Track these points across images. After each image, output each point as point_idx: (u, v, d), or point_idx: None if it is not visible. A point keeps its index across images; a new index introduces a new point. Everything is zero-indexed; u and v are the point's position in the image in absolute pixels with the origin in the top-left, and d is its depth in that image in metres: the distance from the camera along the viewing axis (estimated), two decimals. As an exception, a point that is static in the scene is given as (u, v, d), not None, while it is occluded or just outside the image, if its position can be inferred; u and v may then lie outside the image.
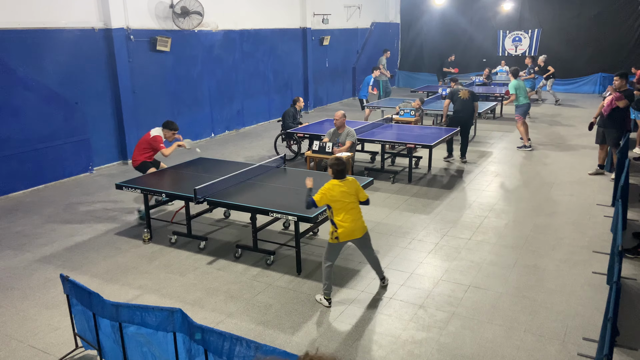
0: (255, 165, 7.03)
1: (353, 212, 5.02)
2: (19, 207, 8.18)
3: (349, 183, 5.05)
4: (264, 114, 14.80)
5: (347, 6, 18.52)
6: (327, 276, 5.08)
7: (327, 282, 5.09)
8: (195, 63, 12.16)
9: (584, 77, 19.09)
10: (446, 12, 21.00)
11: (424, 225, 7.09)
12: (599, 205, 7.69)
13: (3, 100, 8.44)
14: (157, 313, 3.48)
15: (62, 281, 4.19)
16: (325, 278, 5.08)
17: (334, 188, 4.96)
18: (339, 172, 5.01)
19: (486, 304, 5.09)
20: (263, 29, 14.29)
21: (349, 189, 5.02)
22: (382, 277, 5.44)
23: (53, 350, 4.51)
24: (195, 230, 6.92)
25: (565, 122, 14.14)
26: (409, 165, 9.14)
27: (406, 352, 4.37)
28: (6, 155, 8.57)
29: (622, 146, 7.85)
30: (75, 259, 6.30)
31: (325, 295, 5.13)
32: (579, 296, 5.20)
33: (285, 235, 6.81)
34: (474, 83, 16.32)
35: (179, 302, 5.23)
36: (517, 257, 6.08)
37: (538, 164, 10.07)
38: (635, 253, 5.98)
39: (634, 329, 4.63)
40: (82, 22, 9.60)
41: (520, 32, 20.08)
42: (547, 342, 4.45)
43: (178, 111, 11.85)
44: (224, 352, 3.14)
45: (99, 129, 10.05)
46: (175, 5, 11.15)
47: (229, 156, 10.89)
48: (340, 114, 8.53)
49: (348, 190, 5.01)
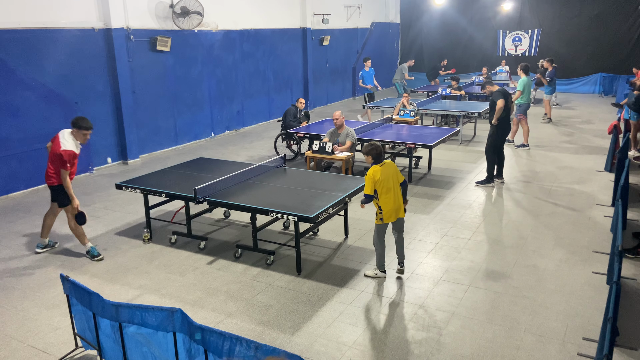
0: (255, 165, 7.03)
1: (395, 194, 5.35)
2: (19, 207, 8.18)
3: (387, 166, 5.36)
4: (264, 114, 14.80)
5: (347, 6, 18.52)
6: (380, 255, 5.52)
7: (380, 259, 5.53)
8: (195, 63, 12.16)
9: (583, 77, 19.09)
10: (446, 12, 21.01)
11: (424, 225, 7.09)
12: (599, 205, 7.69)
13: (3, 100, 8.44)
14: (157, 313, 3.47)
15: (62, 281, 4.19)
16: (378, 257, 5.53)
17: (377, 172, 5.25)
18: (378, 156, 5.34)
19: (486, 304, 5.08)
20: (263, 29, 14.29)
21: (389, 171, 5.34)
22: (402, 262, 5.68)
23: (53, 350, 4.51)
24: (195, 230, 6.92)
25: (565, 122, 14.14)
26: (409, 165, 9.14)
27: (406, 352, 4.36)
28: (6, 155, 8.57)
29: (622, 146, 7.85)
30: (75, 259, 6.29)
31: (380, 268, 5.57)
32: (579, 296, 5.19)
33: (285, 235, 6.81)
34: (474, 83, 16.32)
35: (179, 302, 5.23)
36: (517, 257, 6.08)
37: (538, 163, 10.06)
38: (635, 253, 5.98)
39: (634, 329, 4.63)
40: (82, 22, 9.60)
41: (520, 32, 20.09)
42: (547, 342, 4.45)
43: (178, 111, 11.86)
44: (224, 352, 3.14)
45: (99, 129, 10.03)
46: (175, 5, 11.15)
47: (229, 156, 10.89)
48: (339, 114, 8.56)
49: (388, 172, 5.33)
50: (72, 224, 6.24)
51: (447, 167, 10.00)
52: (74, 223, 6.20)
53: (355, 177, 6.73)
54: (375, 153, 5.33)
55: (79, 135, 6.07)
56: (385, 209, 5.32)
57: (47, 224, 6.44)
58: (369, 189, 5.26)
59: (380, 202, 5.31)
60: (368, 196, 5.30)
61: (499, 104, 8.32)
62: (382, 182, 5.25)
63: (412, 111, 11.61)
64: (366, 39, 20.05)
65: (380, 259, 5.55)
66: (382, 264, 5.58)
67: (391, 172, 5.36)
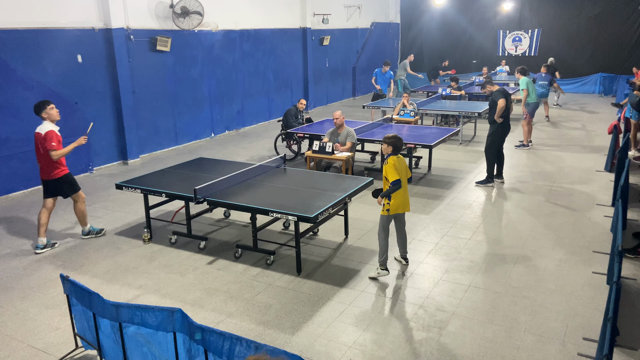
0: (255, 165, 7.03)
1: (404, 187, 5.51)
2: (19, 207, 8.18)
3: (401, 159, 5.57)
4: (264, 114, 14.80)
5: (347, 6, 18.52)
6: (384, 249, 5.55)
7: (383, 254, 5.55)
8: (195, 63, 12.16)
9: (584, 77, 19.09)
10: (446, 12, 21.01)
11: (424, 225, 7.09)
12: (599, 205, 7.69)
13: (3, 100, 8.44)
14: (157, 313, 3.48)
15: (62, 281, 4.19)
16: (382, 251, 5.55)
17: (396, 162, 5.45)
18: (397, 149, 5.52)
19: (486, 304, 5.09)
20: (263, 29, 14.29)
21: (403, 164, 5.56)
22: (405, 256, 5.90)
23: (53, 350, 4.51)
24: (195, 230, 6.92)
25: (565, 122, 14.15)
26: (409, 165, 9.14)
27: (406, 352, 4.37)
28: (6, 155, 8.57)
29: (622, 146, 7.86)
30: (75, 259, 6.29)
31: (381, 266, 5.57)
32: (579, 296, 5.19)
33: (285, 235, 6.81)
34: (474, 83, 16.33)
35: (179, 302, 5.23)
36: (517, 257, 6.08)
37: (538, 163, 10.06)
38: (635, 253, 5.98)
39: (634, 329, 4.63)
40: (82, 22, 9.60)
41: (520, 32, 20.09)
42: (547, 342, 4.45)
43: (178, 111, 11.86)
44: (224, 352, 3.14)
45: (99, 129, 10.04)
46: (175, 5, 11.15)
47: (229, 156, 10.89)
48: (340, 113, 8.57)
49: (403, 165, 5.54)
50: (81, 207, 6.71)
51: (447, 167, 10.00)
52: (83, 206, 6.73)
53: (355, 177, 6.73)
54: (396, 145, 5.51)
55: (50, 114, 6.33)
56: (394, 200, 5.45)
57: (42, 222, 6.48)
58: (395, 175, 5.36)
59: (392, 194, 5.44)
60: (397, 182, 5.35)
61: (500, 103, 8.30)
62: (399, 172, 5.41)
63: (412, 111, 11.61)
64: (366, 39, 20.05)
65: (383, 254, 5.57)
66: (385, 260, 5.58)
67: (404, 166, 5.57)
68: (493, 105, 8.51)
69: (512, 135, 12.47)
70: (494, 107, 8.47)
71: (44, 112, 6.31)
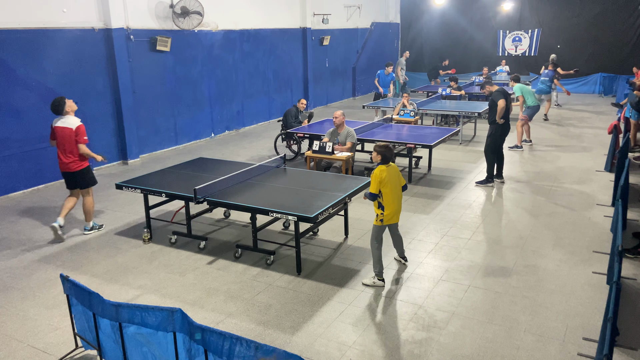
0: (255, 165, 7.03)
1: (398, 196, 5.44)
2: (19, 207, 8.18)
3: (392, 168, 5.42)
4: (264, 114, 14.80)
5: (347, 6, 18.52)
6: (377, 258, 5.44)
7: (378, 264, 5.45)
8: (195, 63, 12.16)
9: (584, 77, 19.09)
10: (446, 12, 21.01)
11: (424, 225, 7.09)
12: (599, 205, 7.69)
13: (3, 100, 8.45)
14: (157, 313, 3.48)
15: (62, 281, 4.19)
16: (376, 261, 5.45)
17: (383, 172, 5.30)
18: (387, 158, 5.38)
19: (486, 304, 5.09)
20: (263, 29, 14.29)
21: (394, 173, 5.42)
22: (404, 256, 5.93)
23: (53, 350, 4.51)
24: (195, 230, 6.92)
25: (565, 122, 14.15)
26: (409, 165, 9.14)
27: (406, 352, 4.37)
28: (6, 155, 8.57)
29: (622, 146, 7.86)
30: (75, 259, 6.30)
31: (378, 276, 5.47)
32: (579, 296, 5.19)
33: (285, 235, 6.81)
34: (474, 83, 16.33)
35: (179, 302, 5.23)
36: (517, 257, 6.08)
37: (538, 163, 10.07)
38: (635, 253, 5.98)
39: (634, 329, 4.63)
40: (82, 22, 9.60)
41: (520, 32, 20.09)
42: (547, 342, 4.45)
43: (178, 111, 11.86)
44: (224, 352, 3.14)
45: (99, 129, 10.04)
46: (175, 5, 11.15)
47: (229, 156, 10.89)
48: (340, 113, 8.57)
49: (394, 174, 5.40)
50: (90, 201, 6.88)
51: (447, 167, 10.00)
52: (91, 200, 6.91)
53: (355, 177, 6.72)
54: (387, 154, 5.37)
55: (72, 106, 6.70)
56: (387, 210, 5.33)
57: (67, 205, 6.83)
58: (374, 187, 5.28)
59: (385, 203, 5.32)
60: (372, 194, 5.30)
61: (501, 103, 8.29)
62: (388, 183, 5.29)
63: (412, 111, 11.62)
64: (366, 39, 20.05)
65: (377, 264, 5.44)
66: (381, 270, 5.46)
67: (395, 175, 5.40)
68: (492, 105, 8.51)
69: (512, 135, 12.48)
70: (493, 108, 8.47)
71: (67, 107, 6.61)
